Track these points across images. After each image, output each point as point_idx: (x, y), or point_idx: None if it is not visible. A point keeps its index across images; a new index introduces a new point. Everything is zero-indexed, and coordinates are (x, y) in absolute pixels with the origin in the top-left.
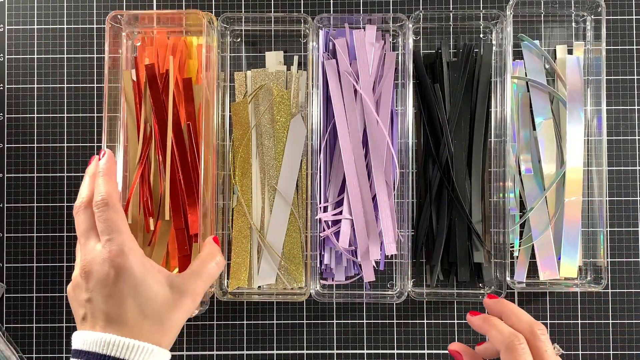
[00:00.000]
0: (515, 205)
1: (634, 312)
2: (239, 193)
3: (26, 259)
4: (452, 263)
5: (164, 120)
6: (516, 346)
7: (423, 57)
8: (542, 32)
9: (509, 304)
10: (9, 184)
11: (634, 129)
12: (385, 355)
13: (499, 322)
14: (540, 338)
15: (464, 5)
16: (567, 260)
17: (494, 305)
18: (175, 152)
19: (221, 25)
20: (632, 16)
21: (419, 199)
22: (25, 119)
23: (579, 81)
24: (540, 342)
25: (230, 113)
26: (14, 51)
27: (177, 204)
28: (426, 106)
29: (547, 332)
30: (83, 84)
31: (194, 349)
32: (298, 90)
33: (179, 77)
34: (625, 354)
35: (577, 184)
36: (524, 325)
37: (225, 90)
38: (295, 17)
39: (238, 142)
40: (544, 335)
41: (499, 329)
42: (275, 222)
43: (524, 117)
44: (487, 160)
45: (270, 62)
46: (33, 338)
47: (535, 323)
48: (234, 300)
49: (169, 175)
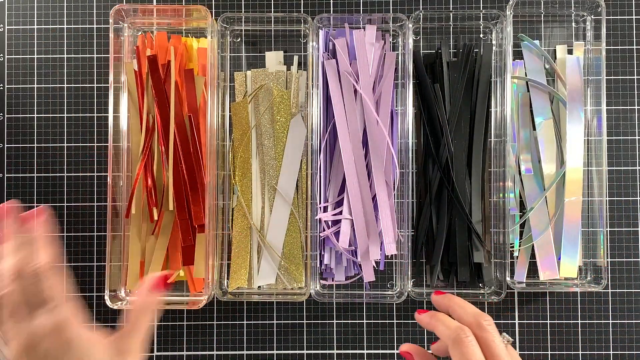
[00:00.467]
0: (515, 205)
1: (634, 312)
2: (239, 193)
3: None
4: (452, 263)
5: (166, 111)
6: (462, 339)
7: (423, 57)
8: (542, 32)
9: (455, 298)
10: (9, 184)
11: (634, 129)
12: (385, 355)
13: (445, 317)
14: (486, 329)
15: (464, 5)
16: (567, 260)
17: (441, 301)
18: (178, 142)
19: (221, 25)
20: (632, 16)
21: (419, 199)
22: (25, 119)
23: (579, 81)
24: (487, 332)
25: (230, 113)
26: (14, 51)
27: (181, 194)
28: (426, 106)
29: (495, 323)
30: (83, 84)
31: (194, 349)
32: (298, 90)
33: (181, 69)
34: (625, 354)
35: (577, 184)
36: (470, 317)
37: (225, 90)
38: (295, 17)
39: (238, 142)
40: (490, 325)
41: (445, 323)
42: (275, 222)
43: (524, 117)
44: (487, 160)
45: (270, 62)
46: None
47: (481, 314)
48: (234, 300)
49: (172, 165)
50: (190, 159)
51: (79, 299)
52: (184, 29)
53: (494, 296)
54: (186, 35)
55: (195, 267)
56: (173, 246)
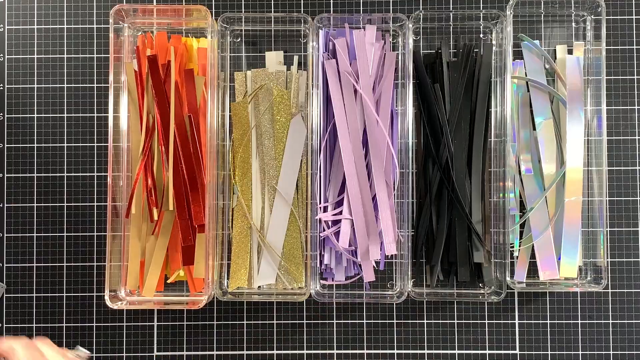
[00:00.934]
0: (515, 205)
1: (634, 312)
2: (239, 193)
3: (26, 259)
4: (452, 263)
5: (166, 111)
6: None
7: (423, 57)
8: (542, 32)
9: None
10: (9, 184)
11: (634, 129)
12: (385, 355)
13: None
14: None
15: (464, 5)
16: (567, 260)
17: None
18: (178, 142)
19: (221, 25)
20: (632, 16)
21: (419, 199)
22: (25, 119)
23: (579, 81)
24: None
25: (230, 113)
26: (14, 51)
27: (181, 194)
28: (426, 106)
29: None
30: (83, 84)
31: (194, 349)
32: (298, 90)
33: (181, 69)
34: (625, 354)
35: (577, 184)
36: None
37: (225, 90)
38: (295, 17)
39: (238, 142)
40: None
41: None
42: (275, 222)
43: (524, 117)
44: (487, 160)
45: (270, 62)
46: (33, 338)
47: None
48: (234, 300)
49: (172, 165)
50: (190, 159)
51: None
52: (184, 29)
53: (494, 296)
54: (186, 35)
55: (195, 267)
56: (173, 246)
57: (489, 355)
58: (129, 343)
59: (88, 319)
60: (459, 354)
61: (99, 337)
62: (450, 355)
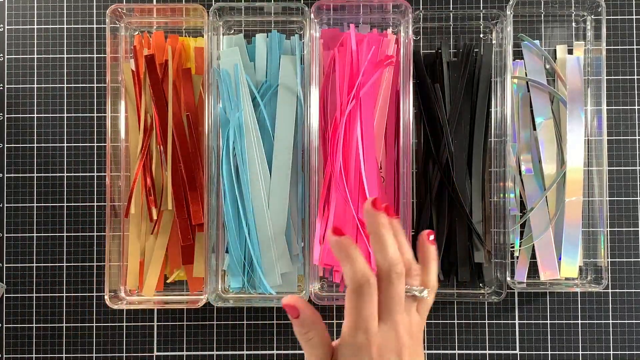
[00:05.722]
0: (516, 205)
1: (634, 312)
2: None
3: (26, 259)
4: (452, 263)
5: (164, 110)
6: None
7: (423, 57)
8: (542, 32)
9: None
10: (9, 184)
11: (634, 129)
12: None
13: (356, 256)
14: (392, 282)
15: (464, 5)
16: (568, 260)
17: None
18: (176, 141)
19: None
20: (632, 16)
21: (419, 199)
22: (25, 119)
23: (579, 81)
24: (391, 285)
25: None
26: (14, 51)
27: (180, 194)
28: (426, 106)
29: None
30: (83, 84)
31: (193, 349)
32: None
33: (178, 68)
34: (625, 354)
35: (577, 184)
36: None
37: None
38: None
39: None
40: (398, 279)
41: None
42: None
43: (524, 117)
44: (487, 160)
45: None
46: (33, 338)
47: (394, 264)
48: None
49: (171, 164)
50: (188, 158)
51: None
52: (182, 28)
53: (494, 296)
54: (184, 34)
55: (195, 266)
56: (172, 245)
57: (489, 355)
58: (129, 343)
59: (88, 319)
60: (459, 354)
61: (99, 337)
62: (450, 355)
